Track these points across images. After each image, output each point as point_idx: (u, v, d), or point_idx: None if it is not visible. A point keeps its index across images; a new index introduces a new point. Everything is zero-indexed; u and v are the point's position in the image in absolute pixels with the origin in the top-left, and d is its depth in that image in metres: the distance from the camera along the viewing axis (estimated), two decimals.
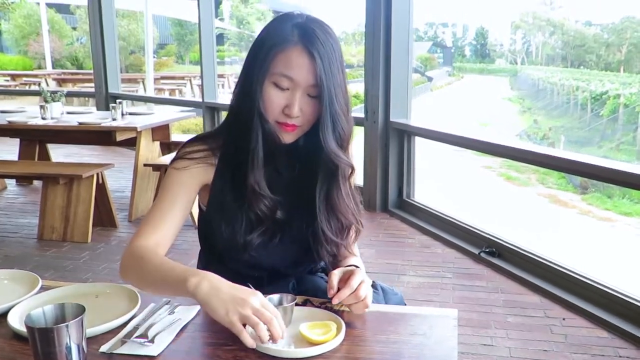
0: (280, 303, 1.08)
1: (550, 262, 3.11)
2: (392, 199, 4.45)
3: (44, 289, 1.22)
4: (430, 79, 30.88)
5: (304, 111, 1.17)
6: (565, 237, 6.19)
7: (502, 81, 39.36)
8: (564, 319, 2.72)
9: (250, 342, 0.97)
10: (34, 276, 1.26)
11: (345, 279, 1.11)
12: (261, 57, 1.16)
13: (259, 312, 0.97)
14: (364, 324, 1.11)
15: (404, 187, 4.41)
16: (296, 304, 1.10)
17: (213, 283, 1.01)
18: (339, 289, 1.10)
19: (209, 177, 1.26)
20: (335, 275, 1.12)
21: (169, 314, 1.12)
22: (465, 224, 3.78)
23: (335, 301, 1.09)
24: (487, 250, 3.48)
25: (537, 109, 26.45)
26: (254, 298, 0.98)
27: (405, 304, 1.43)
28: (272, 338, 0.98)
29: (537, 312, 2.80)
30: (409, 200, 4.37)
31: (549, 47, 48.45)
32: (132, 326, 1.07)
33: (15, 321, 1.06)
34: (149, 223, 1.22)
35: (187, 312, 1.13)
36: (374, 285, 1.40)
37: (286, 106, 1.16)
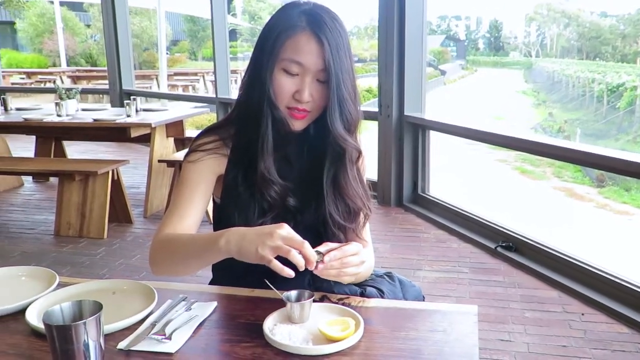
0: (297, 299, 1.07)
1: (568, 256, 3.07)
2: (407, 193, 4.42)
3: (61, 285, 1.23)
4: (443, 73, 30.70)
5: (313, 96, 1.18)
6: (582, 231, 6.12)
7: (516, 74, 39.02)
8: (583, 314, 2.69)
9: (287, 270, 0.99)
10: (52, 273, 1.27)
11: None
12: (270, 44, 1.17)
13: (288, 239, 1.00)
14: (383, 321, 1.09)
15: (418, 182, 4.38)
16: (314, 301, 1.08)
17: (239, 231, 1.06)
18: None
19: (221, 168, 1.27)
20: (328, 244, 1.10)
21: (186, 310, 1.11)
22: (481, 219, 3.74)
23: (325, 259, 1.04)
24: (503, 244, 3.45)
25: (552, 102, 26.17)
26: (280, 229, 1.01)
27: (424, 297, 1.42)
28: (307, 262, 1.00)
29: (555, 307, 2.77)
30: (424, 195, 4.34)
31: (564, 39, 47.93)
32: (149, 323, 1.06)
33: (34, 318, 1.06)
34: (171, 216, 1.24)
35: (204, 309, 1.12)
36: (391, 277, 1.39)
37: (296, 91, 1.18)
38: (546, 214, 6.89)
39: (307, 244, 1.00)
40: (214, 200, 1.34)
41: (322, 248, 1.07)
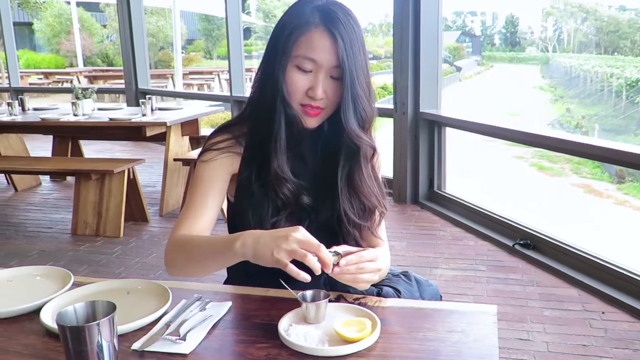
0: (313, 299, 1.06)
1: (588, 253, 3.02)
2: (423, 191, 4.38)
3: (76, 285, 1.22)
4: (459, 69, 30.48)
5: (327, 93, 1.17)
6: (601, 228, 6.03)
7: (533, 70, 38.60)
8: (603, 313, 2.64)
9: (303, 275, 0.98)
10: (66, 272, 1.26)
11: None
12: (283, 41, 1.16)
13: (303, 242, 0.99)
14: (400, 321, 1.07)
15: (434, 179, 4.34)
16: (329, 301, 1.07)
17: (254, 235, 1.05)
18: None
19: (235, 167, 1.26)
20: (345, 246, 1.09)
21: (200, 310, 1.10)
22: (499, 216, 3.70)
23: (341, 263, 1.03)
24: (521, 242, 3.40)
25: (570, 98, 25.85)
26: (296, 232, 1.00)
27: (441, 296, 1.39)
28: (324, 266, 0.99)
29: (575, 306, 2.73)
30: (440, 192, 4.31)
31: (581, 33, 47.30)
32: (163, 323, 1.05)
33: (48, 318, 1.05)
34: (186, 216, 1.23)
35: (219, 309, 1.11)
36: (407, 276, 1.37)
37: (310, 88, 1.16)
38: (565, 210, 6.81)
39: (323, 248, 0.99)
40: (228, 199, 1.33)
41: (340, 249, 1.05)
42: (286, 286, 1.11)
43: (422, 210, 4.28)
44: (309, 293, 1.06)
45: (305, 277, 0.98)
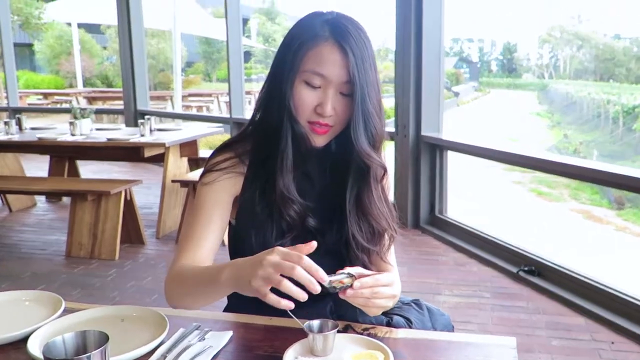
0: (320, 330, 0.99)
1: (595, 281, 2.95)
2: (424, 215, 4.32)
3: (67, 311, 1.15)
4: (456, 94, 30.64)
5: (336, 110, 1.12)
6: (603, 255, 5.96)
7: (530, 96, 38.83)
8: (612, 343, 2.56)
9: (284, 302, 0.91)
10: (57, 297, 1.19)
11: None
12: (291, 55, 1.11)
13: (278, 266, 0.90)
14: (412, 354, 1.00)
15: (436, 203, 4.28)
16: (337, 331, 1.00)
17: (237, 264, 1.00)
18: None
19: (238, 188, 1.20)
20: (359, 268, 1.02)
21: (199, 340, 1.03)
22: (502, 241, 3.63)
23: (355, 285, 0.96)
24: (525, 268, 3.33)
25: (567, 124, 25.96)
26: (271, 255, 0.92)
27: (453, 326, 1.32)
28: (309, 287, 0.90)
29: (583, 335, 2.65)
30: (442, 217, 4.24)
31: (577, 60, 47.74)
32: (159, 354, 0.98)
33: (35, 348, 0.98)
34: (186, 246, 1.18)
35: (219, 339, 1.04)
36: (419, 305, 1.30)
37: (318, 105, 1.11)
38: (565, 236, 6.73)
39: (298, 270, 0.89)
40: (230, 222, 1.26)
41: (353, 270, 0.99)
42: (292, 315, 1.04)
43: (424, 234, 4.21)
44: (315, 323, 1.00)
45: (288, 305, 0.91)
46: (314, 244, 0.94)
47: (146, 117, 4.61)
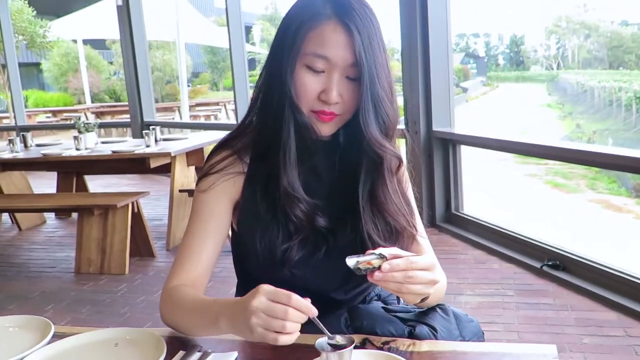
0: (335, 347, 0.87)
1: (625, 273, 2.80)
2: (440, 212, 4.19)
3: (57, 337, 1.05)
4: (465, 90, 30.43)
5: (343, 96, 1.00)
6: (627, 244, 5.78)
7: (539, 88, 38.47)
8: None
9: (285, 339, 0.82)
10: (46, 322, 1.09)
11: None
12: (290, 37, 1.00)
13: (269, 311, 0.81)
14: None
15: (451, 200, 4.15)
16: (354, 347, 0.88)
17: (226, 310, 0.90)
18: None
19: (238, 189, 1.09)
20: (395, 249, 0.90)
21: None
22: (523, 236, 3.49)
23: (384, 267, 0.86)
24: (549, 263, 3.19)
25: (578, 113, 25.65)
26: (255, 299, 0.82)
27: (483, 333, 1.20)
28: (306, 313, 0.82)
29: (616, 331, 2.50)
30: (458, 214, 4.11)
31: (585, 50, 47.27)
32: None
33: None
34: (181, 262, 1.08)
35: None
36: (444, 310, 1.19)
37: (322, 91, 1.00)
38: (585, 227, 6.57)
39: (294, 297, 0.81)
40: (232, 228, 1.16)
41: (386, 251, 0.87)
42: (317, 322, 0.89)
43: (440, 233, 4.08)
44: (329, 340, 0.88)
45: (286, 341, 0.82)
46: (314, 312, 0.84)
47: (151, 127, 4.53)
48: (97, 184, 6.19)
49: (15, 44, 8.94)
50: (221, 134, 6.06)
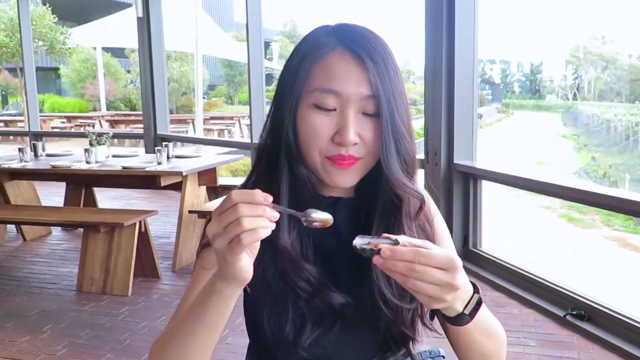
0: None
1: None
2: (457, 248, 4.00)
3: None
4: (480, 116, 30.35)
5: (362, 136, 0.86)
6: None
7: (554, 117, 38.30)
8: None
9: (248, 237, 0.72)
10: None
11: None
12: (291, 74, 0.87)
13: (221, 221, 0.72)
14: None
15: (469, 236, 3.99)
16: None
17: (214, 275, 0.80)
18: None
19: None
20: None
21: None
22: (545, 280, 3.32)
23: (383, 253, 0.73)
24: (573, 312, 3.02)
25: (594, 146, 25.44)
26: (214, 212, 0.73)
27: None
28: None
29: None
30: (476, 250, 3.95)
31: (602, 82, 47.11)
32: None
33: None
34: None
35: None
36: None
37: (336, 133, 0.85)
38: (602, 268, 6.37)
39: (257, 192, 0.72)
40: (244, 289, 1.02)
41: (401, 238, 0.74)
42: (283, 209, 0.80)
43: None
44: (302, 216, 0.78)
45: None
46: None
47: (164, 143, 4.44)
48: (106, 195, 6.09)
49: (35, 49, 8.96)
50: (234, 153, 5.92)
